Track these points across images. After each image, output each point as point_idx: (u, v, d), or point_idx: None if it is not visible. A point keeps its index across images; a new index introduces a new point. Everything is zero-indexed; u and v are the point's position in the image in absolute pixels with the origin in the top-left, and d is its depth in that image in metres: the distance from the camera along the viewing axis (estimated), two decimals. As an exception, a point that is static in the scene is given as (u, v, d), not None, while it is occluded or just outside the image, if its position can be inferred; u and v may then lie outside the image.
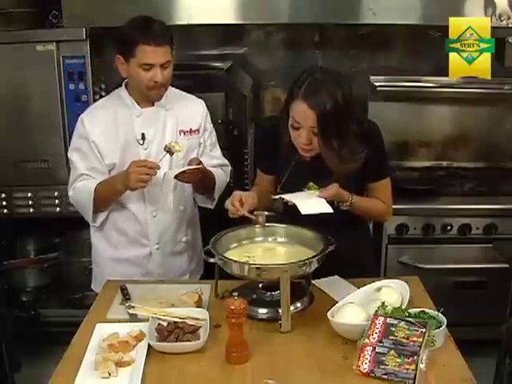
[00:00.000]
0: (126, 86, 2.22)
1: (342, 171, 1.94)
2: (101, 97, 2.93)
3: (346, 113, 1.85)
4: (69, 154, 2.24)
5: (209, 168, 2.25)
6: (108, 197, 2.19)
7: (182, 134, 2.25)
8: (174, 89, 2.30)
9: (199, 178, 2.16)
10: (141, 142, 2.19)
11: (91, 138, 2.16)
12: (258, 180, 2.26)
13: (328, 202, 1.94)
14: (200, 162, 2.13)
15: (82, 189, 2.20)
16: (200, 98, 2.37)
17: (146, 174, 2.04)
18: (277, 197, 1.96)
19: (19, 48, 2.79)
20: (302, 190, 2.00)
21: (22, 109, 2.84)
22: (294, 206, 1.87)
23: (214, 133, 2.39)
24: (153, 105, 2.21)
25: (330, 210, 1.86)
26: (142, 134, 2.19)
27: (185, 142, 2.22)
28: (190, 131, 2.27)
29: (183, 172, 2.09)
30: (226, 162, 2.42)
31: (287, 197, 1.93)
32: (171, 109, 2.24)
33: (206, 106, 2.36)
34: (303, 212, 1.84)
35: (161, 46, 2.07)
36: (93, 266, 2.41)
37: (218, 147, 2.40)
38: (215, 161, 2.36)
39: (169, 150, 2.09)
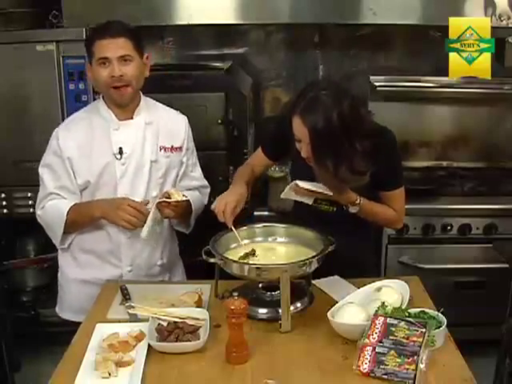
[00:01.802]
0: (103, 98, 2.14)
1: (340, 190, 1.91)
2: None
3: (343, 133, 1.77)
4: (39, 170, 2.14)
5: (186, 192, 2.16)
6: (81, 222, 2.09)
7: (163, 150, 2.15)
8: (155, 102, 2.22)
9: (181, 212, 2.09)
10: (118, 156, 2.09)
11: (66, 154, 2.07)
12: (254, 158, 2.23)
13: (337, 205, 1.96)
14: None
15: (51, 209, 2.10)
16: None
17: (134, 217, 1.97)
18: (296, 182, 1.93)
19: (19, 48, 2.78)
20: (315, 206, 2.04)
21: (22, 109, 2.83)
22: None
23: (195, 152, 2.29)
24: (131, 118, 2.12)
25: (330, 192, 1.89)
26: (120, 149, 2.09)
27: (163, 159, 2.15)
28: (172, 148, 2.17)
29: (167, 203, 2.00)
30: (206, 183, 2.34)
31: (301, 183, 1.92)
32: (151, 123, 2.15)
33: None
34: (301, 184, 1.88)
35: (116, 38, 2.00)
36: (58, 288, 2.30)
37: (199, 167, 2.32)
38: (195, 182, 2.28)
39: (168, 197, 2.00)
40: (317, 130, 1.78)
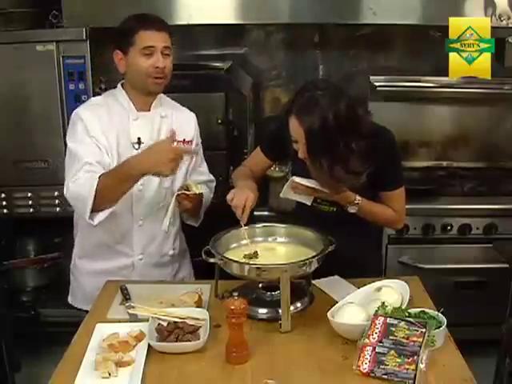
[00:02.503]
0: (122, 87, 2.16)
1: (337, 190, 1.91)
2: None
3: (338, 133, 1.77)
4: (71, 146, 2.04)
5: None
6: (116, 186, 1.94)
7: (175, 143, 2.13)
8: (168, 98, 2.25)
9: (196, 204, 2.12)
10: (136, 146, 2.11)
11: (91, 131, 2.04)
12: (252, 159, 2.24)
13: (337, 205, 1.97)
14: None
15: (84, 179, 1.95)
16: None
17: (175, 162, 1.90)
18: (293, 178, 1.93)
19: (19, 48, 2.79)
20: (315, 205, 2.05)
21: (22, 109, 2.84)
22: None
23: (201, 149, 2.35)
24: (149, 110, 2.15)
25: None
26: (138, 139, 2.12)
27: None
28: (184, 141, 2.19)
29: (186, 195, 2.03)
30: (212, 177, 2.38)
31: (298, 179, 1.92)
32: (166, 116, 2.18)
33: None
34: (296, 180, 1.89)
35: (160, 31, 2.05)
36: (71, 278, 2.33)
37: (205, 162, 2.36)
38: (202, 177, 2.31)
39: (186, 189, 2.03)
40: (312, 130, 1.78)
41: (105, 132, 2.07)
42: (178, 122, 2.21)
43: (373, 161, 1.86)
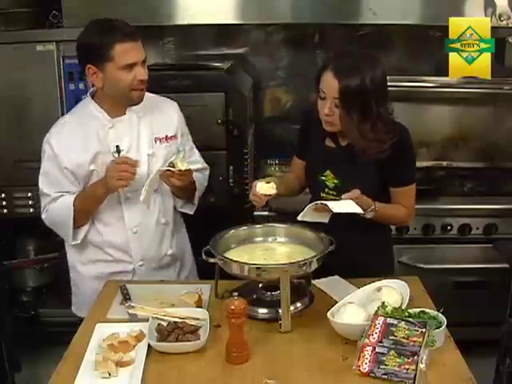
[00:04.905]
0: (92, 97, 2.11)
1: (364, 151, 1.93)
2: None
3: (371, 93, 1.87)
4: (39, 178, 2.12)
5: None
6: (88, 207, 2.09)
7: (158, 141, 2.14)
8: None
9: (186, 183, 2.08)
10: (116, 155, 2.07)
11: (62, 162, 2.06)
12: (292, 166, 2.29)
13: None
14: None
15: (57, 207, 2.09)
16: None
17: (125, 172, 1.96)
18: (312, 204, 1.91)
19: (19, 48, 2.78)
20: (320, 179, 2.06)
21: (22, 109, 2.83)
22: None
23: (190, 136, 2.30)
24: (124, 113, 2.10)
25: (359, 209, 1.84)
26: (117, 147, 2.07)
27: (160, 151, 2.14)
28: (166, 138, 2.16)
29: (172, 172, 2.00)
30: (206, 164, 2.35)
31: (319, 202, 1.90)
32: (144, 116, 2.13)
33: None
34: (335, 210, 1.82)
35: (136, 41, 1.99)
36: (72, 288, 2.32)
37: (196, 150, 2.33)
38: (193, 166, 2.22)
39: (172, 166, 2.00)
40: (348, 82, 1.85)
41: (78, 153, 2.06)
42: (157, 118, 2.16)
43: (394, 134, 1.93)
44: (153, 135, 2.15)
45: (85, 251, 2.20)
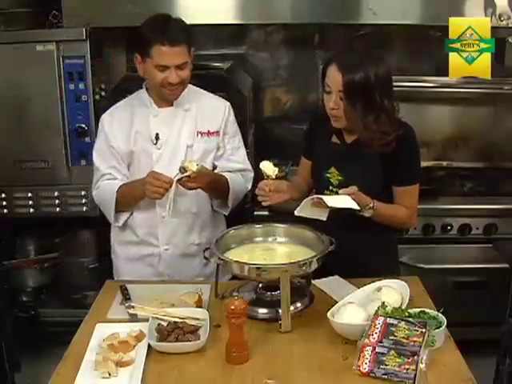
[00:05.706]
0: (145, 87, 2.23)
1: (369, 143, 1.95)
2: (101, 97, 2.93)
3: (374, 85, 1.89)
4: (93, 154, 2.27)
5: (224, 173, 2.23)
6: (129, 200, 2.21)
7: (199, 135, 2.22)
8: (196, 88, 2.28)
9: (207, 182, 2.10)
10: (154, 141, 2.18)
11: (110, 140, 2.20)
12: (300, 167, 2.30)
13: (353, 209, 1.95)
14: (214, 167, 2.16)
15: (105, 189, 2.23)
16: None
17: (159, 187, 2.03)
18: (309, 198, 1.91)
19: (19, 48, 2.79)
20: (325, 176, 2.07)
21: (22, 109, 2.84)
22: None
23: (239, 137, 2.34)
24: (171, 105, 2.20)
25: (355, 205, 1.83)
26: (157, 134, 2.18)
27: (200, 144, 2.21)
28: (208, 133, 2.23)
29: (187, 176, 2.03)
30: (249, 167, 2.36)
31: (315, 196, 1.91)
32: (190, 109, 2.22)
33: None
34: (330, 204, 1.82)
35: (176, 46, 2.05)
36: (113, 270, 2.41)
37: (243, 151, 2.35)
38: (235, 165, 2.30)
39: (184, 171, 2.03)
40: (351, 75, 1.88)
41: (124, 134, 2.20)
42: (203, 113, 2.23)
43: (398, 127, 1.96)
44: (195, 128, 2.22)
45: (121, 232, 2.30)
